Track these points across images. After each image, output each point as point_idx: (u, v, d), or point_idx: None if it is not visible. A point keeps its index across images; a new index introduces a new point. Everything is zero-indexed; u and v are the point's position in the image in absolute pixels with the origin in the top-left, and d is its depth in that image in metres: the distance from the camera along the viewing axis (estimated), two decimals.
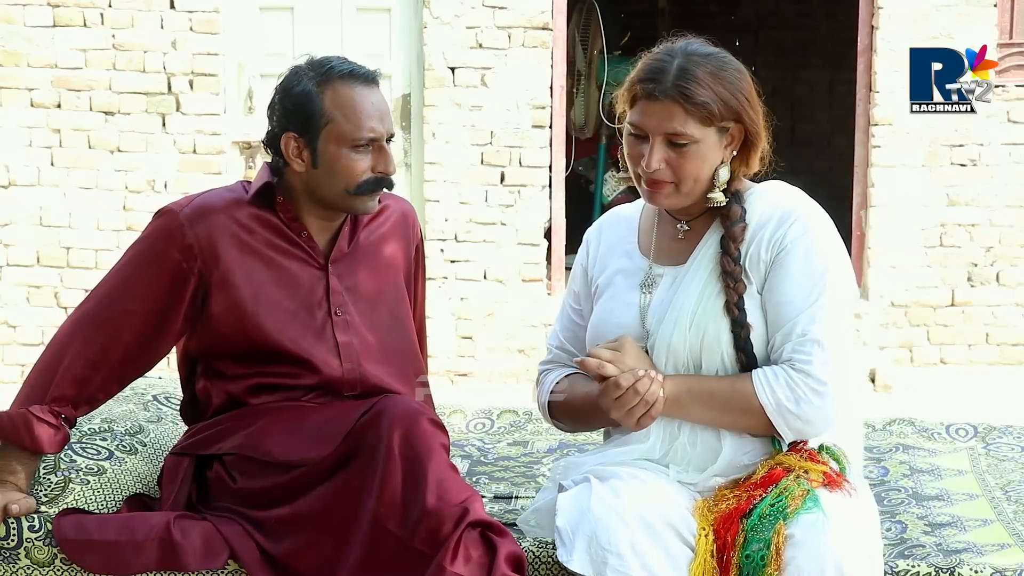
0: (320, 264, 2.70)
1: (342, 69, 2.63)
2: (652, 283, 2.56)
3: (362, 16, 6.90)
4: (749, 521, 2.35)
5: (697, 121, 2.43)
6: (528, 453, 3.29)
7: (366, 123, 2.61)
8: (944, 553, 2.52)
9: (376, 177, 2.64)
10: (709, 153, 2.46)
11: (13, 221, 6.85)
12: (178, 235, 2.63)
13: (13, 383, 6.89)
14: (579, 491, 2.44)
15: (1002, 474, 3.04)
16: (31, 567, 2.57)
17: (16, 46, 6.75)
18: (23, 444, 2.60)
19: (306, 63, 2.67)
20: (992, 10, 6.82)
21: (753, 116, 2.49)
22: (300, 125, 2.62)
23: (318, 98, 2.61)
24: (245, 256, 2.65)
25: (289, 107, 2.63)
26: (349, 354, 2.68)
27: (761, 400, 2.42)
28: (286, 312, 2.66)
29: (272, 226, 2.69)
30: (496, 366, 6.94)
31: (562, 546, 2.37)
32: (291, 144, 2.64)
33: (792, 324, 2.43)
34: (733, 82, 2.47)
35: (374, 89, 2.65)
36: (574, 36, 8.20)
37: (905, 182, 6.92)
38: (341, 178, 2.63)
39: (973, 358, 7.02)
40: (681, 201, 2.51)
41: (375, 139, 2.63)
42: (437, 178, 6.87)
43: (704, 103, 2.42)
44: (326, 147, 2.62)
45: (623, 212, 2.73)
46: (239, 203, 2.68)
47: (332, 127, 2.61)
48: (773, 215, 2.49)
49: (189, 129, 6.78)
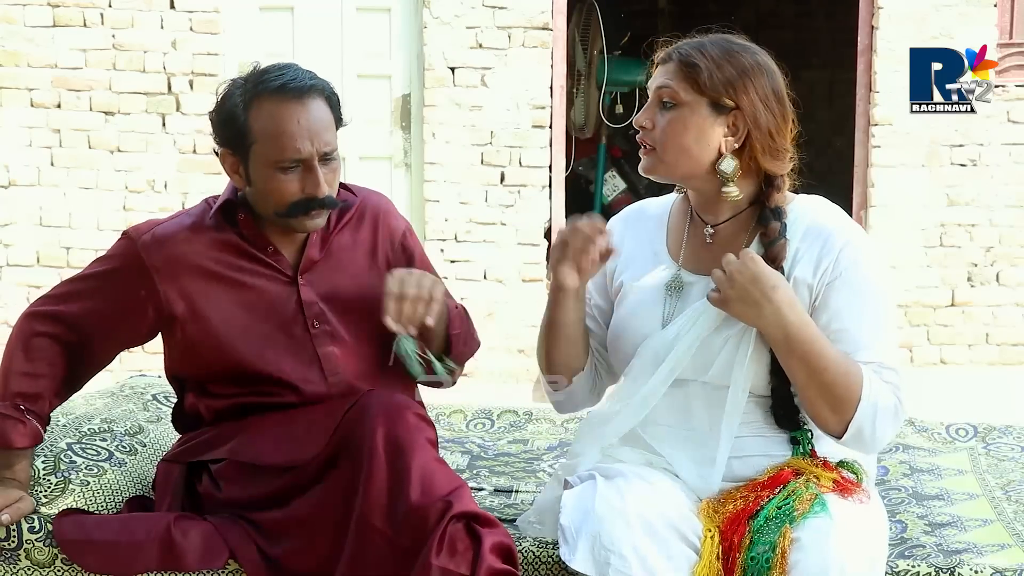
0: (288, 277, 2.65)
1: (271, 84, 2.52)
2: (679, 288, 2.52)
3: (362, 16, 6.90)
4: (755, 523, 2.33)
5: (687, 83, 2.43)
6: (528, 450, 3.29)
7: (290, 144, 2.50)
8: (944, 553, 2.52)
9: (305, 199, 2.54)
10: (696, 125, 2.44)
11: (13, 221, 6.85)
12: (136, 262, 2.60)
13: None
14: (583, 490, 2.43)
15: (1002, 474, 3.04)
16: (31, 568, 2.57)
17: (16, 46, 6.75)
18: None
19: (245, 76, 2.58)
20: (992, 10, 6.82)
21: (757, 105, 2.44)
22: (231, 142, 2.57)
23: (243, 117, 2.52)
24: (211, 285, 2.60)
25: (219, 123, 2.57)
26: (332, 366, 2.64)
27: (864, 393, 2.35)
28: (260, 335, 2.61)
29: (235, 247, 2.63)
30: (496, 366, 6.94)
31: (565, 545, 2.37)
32: (228, 160, 2.59)
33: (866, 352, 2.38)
34: (743, 65, 2.45)
35: (306, 104, 2.52)
36: (574, 36, 8.20)
37: (905, 182, 6.92)
38: (271, 199, 2.56)
39: (973, 358, 7.02)
40: (668, 171, 2.48)
41: (302, 160, 2.53)
42: (437, 178, 6.87)
43: (696, 66, 2.42)
44: (255, 167, 2.55)
45: (650, 209, 2.68)
46: (199, 228, 2.63)
47: (257, 148, 2.53)
48: (819, 235, 2.45)
49: (189, 129, 6.77)
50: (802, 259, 2.44)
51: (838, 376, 2.35)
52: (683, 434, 2.49)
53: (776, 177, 2.49)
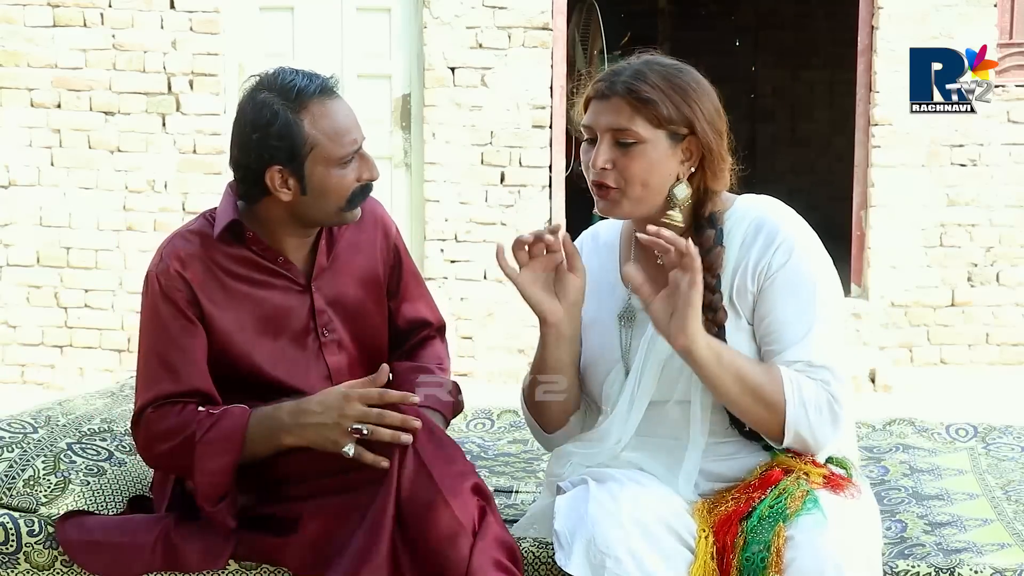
0: (302, 286, 2.65)
1: (310, 88, 2.54)
2: (632, 317, 2.51)
3: (362, 16, 6.90)
4: (749, 523, 2.33)
5: (644, 120, 2.39)
6: (528, 450, 3.29)
7: (347, 138, 2.56)
8: (944, 553, 2.52)
9: (363, 185, 2.60)
10: (659, 159, 2.41)
11: (13, 221, 6.86)
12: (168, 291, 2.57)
13: (13, 383, 6.90)
14: (576, 494, 2.43)
15: (1002, 474, 3.04)
16: (31, 571, 2.57)
17: (16, 46, 6.75)
18: (234, 446, 2.49)
19: (266, 91, 2.56)
20: (992, 10, 6.82)
21: (707, 128, 2.41)
22: (285, 157, 2.54)
23: (298, 126, 2.52)
24: (229, 296, 2.60)
25: (272, 142, 2.53)
26: (339, 375, 2.65)
27: (787, 395, 2.34)
28: (276, 347, 2.62)
29: (247, 260, 2.63)
30: (496, 366, 6.94)
31: (560, 550, 2.37)
32: (276, 177, 2.56)
33: (795, 350, 2.37)
34: (687, 89, 2.41)
35: (341, 98, 2.60)
36: (574, 36, 8.20)
37: (905, 182, 6.92)
38: (332, 197, 2.57)
39: (973, 358, 7.02)
40: (632, 209, 2.44)
41: (357, 149, 2.59)
42: (437, 178, 6.87)
43: (651, 100, 2.38)
44: (313, 171, 2.55)
45: (602, 236, 2.65)
46: (208, 242, 2.61)
47: (317, 151, 2.54)
48: (757, 239, 2.43)
49: (189, 129, 6.78)
50: (743, 265, 2.43)
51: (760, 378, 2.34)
52: (657, 442, 2.49)
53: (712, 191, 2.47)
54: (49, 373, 6.94)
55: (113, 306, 6.88)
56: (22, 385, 6.92)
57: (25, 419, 2.93)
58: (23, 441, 2.79)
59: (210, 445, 2.48)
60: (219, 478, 2.49)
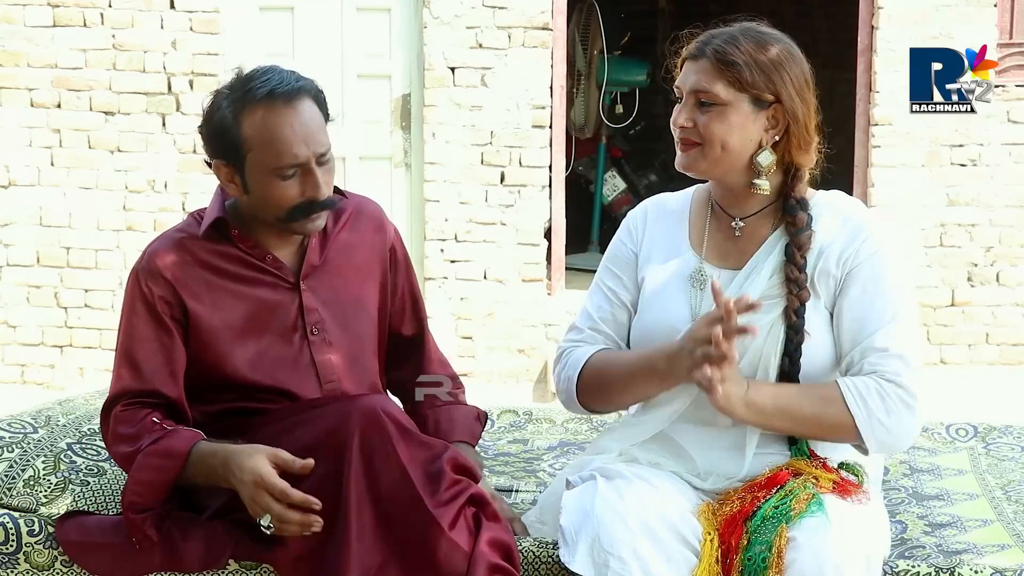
0: (291, 284, 2.64)
1: (260, 91, 2.48)
2: (703, 282, 2.51)
3: (362, 16, 6.90)
4: (752, 523, 2.33)
5: (727, 82, 2.41)
6: (528, 450, 3.29)
7: (286, 150, 2.48)
8: (944, 553, 2.52)
9: (306, 202, 2.53)
10: (740, 123, 2.42)
11: (13, 221, 6.85)
12: (147, 293, 2.56)
13: (13, 383, 6.90)
14: (583, 491, 2.43)
15: (1002, 474, 3.04)
16: (31, 571, 2.57)
17: (16, 46, 6.75)
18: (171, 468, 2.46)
19: (228, 84, 2.55)
20: (992, 10, 6.82)
21: (795, 97, 2.43)
22: (225, 153, 2.52)
23: (236, 126, 2.49)
24: (215, 294, 2.59)
25: (210, 135, 2.53)
26: (328, 373, 2.64)
27: (852, 410, 2.36)
28: (259, 345, 2.60)
29: (234, 257, 2.61)
30: (496, 366, 6.94)
31: (565, 546, 2.37)
32: (223, 171, 2.55)
33: (871, 339, 2.40)
34: (777, 58, 2.43)
35: (297, 107, 2.50)
36: (574, 36, 8.20)
37: (905, 182, 6.92)
38: (270, 206, 2.54)
39: (973, 358, 7.02)
40: (709, 168, 2.46)
41: (300, 164, 2.51)
42: (437, 178, 6.87)
43: (735, 63, 2.40)
44: (252, 175, 2.52)
45: (669, 204, 2.66)
46: (194, 240, 2.60)
47: (253, 156, 2.50)
48: (843, 229, 2.46)
49: (189, 129, 6.77)
50: (827, 251, 2.45)
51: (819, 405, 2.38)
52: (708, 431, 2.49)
53: (800, 168, 2.49)
54: (49, 373, 6.94)
55: (113, 306, 6.88)
56: (22, 385, 6.92)
57: (25, 419, 2.93)
58: (23, 441, 2.79)
59: (148, 458, 2.46)
60: (148, 492, 2.46)
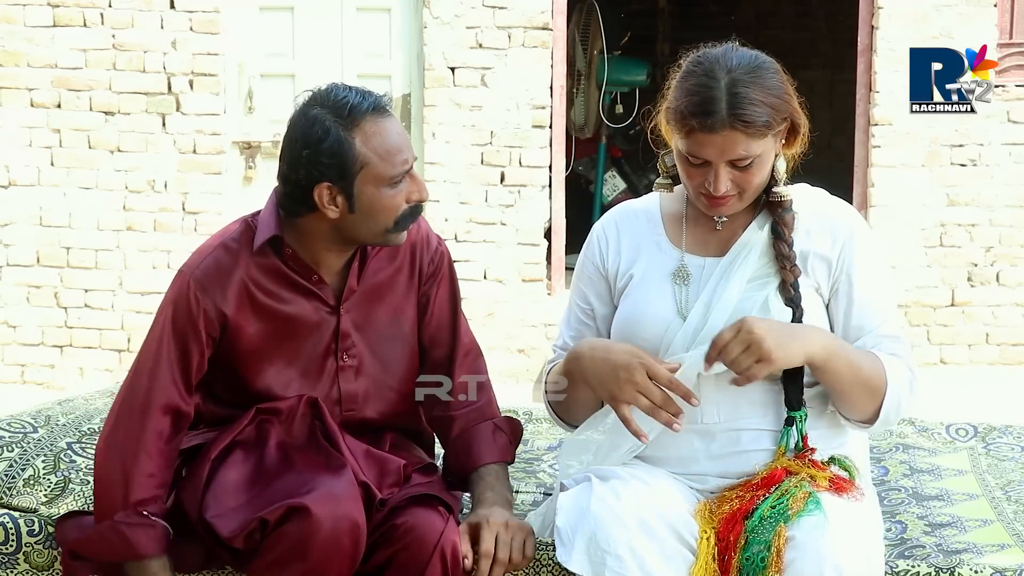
0: (331, 306, 2.63)
1: (362, 107, 2.51)
2: (686, 275, 2.53)
3: (362, 16, 6.90)
4: (750, 522, 2.34)
5: (759, 139, 2.40)
6: (528, 450, 3.29)
7: (398, 157, 2.54)
8: (944, 553, 2.52)
9: (412, 207, 2.58)
10: (769, 158, 2.46)
11: (13, 221, 6.85)
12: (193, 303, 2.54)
13: (13, 383, 6.90)
14: (579, 491, 2.43)
15: (1002, 474, 3.04)
16: (30, 572, 2.57)
17: (16, 46, 6.75)
18: (125, 556, 2.47)
19: (319, 106, 2.53)
20: (992, 10, 6.82)
21: (797, 108, 2.48)
22: (335, 174, 2.51)
23: (350, 144, 2.49)
24: (257, 311, 2.58)
25: (323, 160, 2.50)
26: (351, 401, 2.64)
27: (889, 380, 2.44)
28: (287, 363, 2.61)
29: (282, 275, 2.60)
30: (496, 366, 6.91)
31: (561, 546, 2.37)
32: (324, 194, 2.52)
33: (888, 325, 2.49)
34: (777, 86, 2.44)
35: (392, 117, 2.57)
36: (574, 36, 8.20)
37: (905, 182, 6.92)
38: (380, 218, 2.54)
39: (973, 358, 7.02)
40: (743, 205, 2.50)
41: (408, 170, 2.57)
42: (437, 178, 6.86)
43: (759, 120, 2.39)
44: (363, 190, 2.52)
45: (635, 207, 2.68)
46: (247, 254, 2.59)
47: (368, 170, 2.51)
48: (826, 215, 2.54)
49: (189, 129, 6.78)
50: (815, 235, 2.50)
51: (872, 368, 2.43)
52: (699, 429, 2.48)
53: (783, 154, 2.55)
54: (49, 373, 6.94)
55: (113, 306, 6.88)
56: (22, 385, 6.91)
57: (25, 419, 2.93)
58: (23, 441, 2.79)
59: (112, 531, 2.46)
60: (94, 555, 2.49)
